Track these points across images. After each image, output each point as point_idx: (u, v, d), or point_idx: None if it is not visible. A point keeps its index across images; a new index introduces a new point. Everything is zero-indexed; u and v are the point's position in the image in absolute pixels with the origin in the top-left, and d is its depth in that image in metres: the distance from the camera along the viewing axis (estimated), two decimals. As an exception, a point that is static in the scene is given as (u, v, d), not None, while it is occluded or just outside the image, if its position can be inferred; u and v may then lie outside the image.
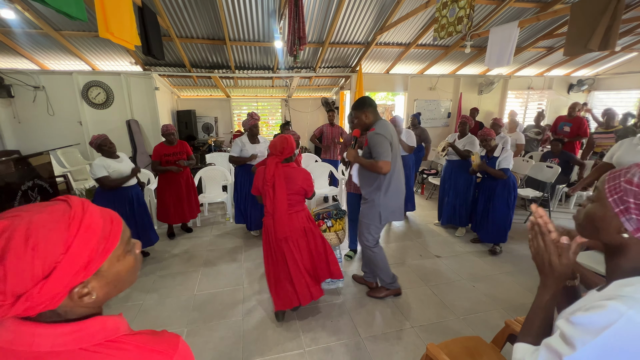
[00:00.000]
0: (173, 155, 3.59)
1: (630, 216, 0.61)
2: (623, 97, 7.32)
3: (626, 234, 0.63)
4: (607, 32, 2.77)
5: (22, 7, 3.47)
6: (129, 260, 0.58)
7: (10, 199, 2.42)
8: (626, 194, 0.62)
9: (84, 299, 0.51)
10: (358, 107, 2.37)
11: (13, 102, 4.93)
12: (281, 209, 2.12)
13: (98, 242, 0.51)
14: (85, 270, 0.49)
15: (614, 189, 0.64)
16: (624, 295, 0.58)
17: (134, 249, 0.61)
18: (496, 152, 3.26)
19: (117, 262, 0.55)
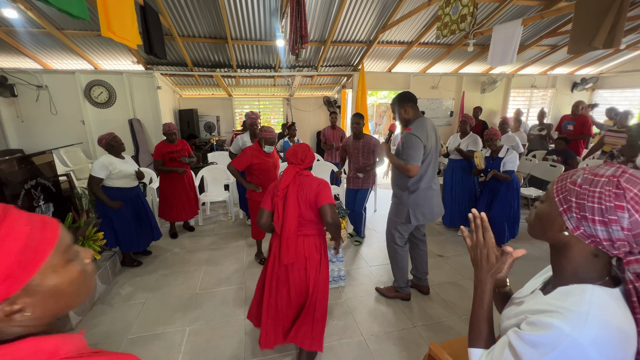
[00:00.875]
0: (176, 152, 3.61)
1: (571, 215, 0.64)
2: (628, 96, 7.25)
3: (566, 232, 0.66)
4: (612, 30, 2.74)
5: (25, 6, 3.48)
6: (72, 271, 0.51)
7: (13, 198, 2.43)
8: (570, 193, 0.65)
9: (15, 317, 0.44)
10: (398, 102, 2.30)
11: (16, 101, 4.95)
12: (289, 227, 1.77)
13: (21, 253, 0.44)
14: (5, 285, 0.43)
15: (560, 189, 0.67)
16: (567, 308, 0.61)
17: (79, 258, 0.53)
18: (501, 153, 3.23)
19: (53, 274, 0.48)
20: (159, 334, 2.29)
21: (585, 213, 0.62)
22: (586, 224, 0.62)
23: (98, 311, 2.54)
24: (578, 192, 0.63)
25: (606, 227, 0.60)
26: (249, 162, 2.88)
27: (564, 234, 0.66)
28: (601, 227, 0.60)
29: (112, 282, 2.96)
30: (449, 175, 3.91)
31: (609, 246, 0.61)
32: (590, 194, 0.61)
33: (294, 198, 1.78)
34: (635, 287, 0.60)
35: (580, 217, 0.63)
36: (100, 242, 2.75)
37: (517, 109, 5.93)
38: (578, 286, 0.65)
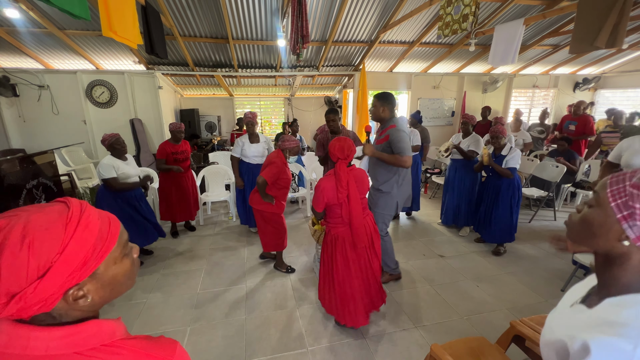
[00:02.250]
0: (181, 153, 3.61)
1: (634, 223, 0.57)
2: (630, 96, 7.22)
3: (627, 242, 0.59)
4: (615, 30, 2.72)
5: (26, 6, 3.48)
6: (126, 263, 0.57)
7: (15, 197, 2.43)
8: (632, 198, 0.58)
9: (79, 302, 0.50)
10: (382, 99, 2.48)
11: (18, 101, 4.96)
12: (358, 215, 1.97)
13: (95, 244, 0.50)
14: (80, 272, 0.48)
15: (617, 193, 0.60)
16: (623, 323, 0.55)
17: (131, 253, 0.60)
18: (504, 151, 3.22)
19: (114, 265, 0.54)
20: (160, 333, 2.28)
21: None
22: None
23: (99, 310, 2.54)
24: (631, 192, 0.57)
25: None
26: (279, 175, 2.70)
27: (624, 243, 0.59)
28: None
29: (113, 281, 2.96)
30: (450, 175, 3.89)
31: None
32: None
33: (355, 191, 1.96)
34: None
35: (633, 224, 0.57)
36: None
37: (516, 109, 5.92)
38: (630, 296, 0.59)
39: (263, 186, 2.68)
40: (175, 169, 3.52)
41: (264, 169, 2.70)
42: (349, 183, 1.94)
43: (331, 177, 1.99)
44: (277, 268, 3.12)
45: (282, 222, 2.95)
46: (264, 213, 2.84)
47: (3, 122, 4.95)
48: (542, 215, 4.46)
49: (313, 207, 2.08)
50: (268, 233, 2.94)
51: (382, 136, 2.48)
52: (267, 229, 2.91)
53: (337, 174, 1.94)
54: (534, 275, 2.96)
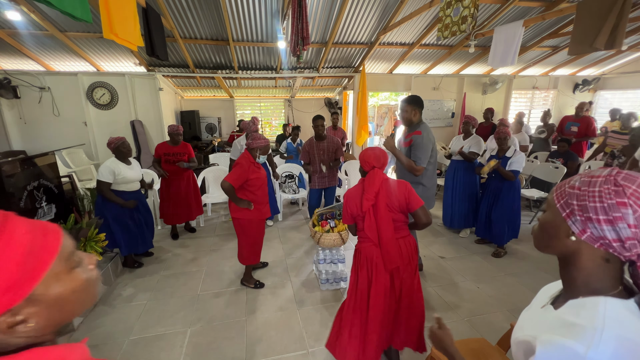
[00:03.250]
0: (174, 155, 3.60)
1: (575, 218, 0.62)
2: (629, 97, 7.24)
3: (573, 237, 0.63)
4: (614, 31, 2.73)
5: (27, 8, 3.50)
6: (75, 278, 0.49)
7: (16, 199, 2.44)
8: (570, 197, 0.63)
9: (18, 328, 0.43)
10: (413, 103, 2.53)
11: (19, 103, 4.97)
12: (387, 232, 1.70)
13: (22, 262, 0.42)
14: (7, 297, 0.41)
15: (560, 195, 0.66)
16: (579, 324, 0.58)
17: (83, 264, 0.51)
18: (508, 153, 3.21)
19: (57, 283, 0.46)
20: (161, 335, 2.29)
21: (589, 214, 0.60)
22: (592, 226, 0.60)
23: (100, 312, 2.55)
24: (578, 195, 0.62)
25: (613, 226, 0.57)
26: (246, 176, 2.50)
27: (571, 239, 0.63)
28: (608, 227, 0.58)
29: (113, 283, 2.97)
30: (450, 176, 3.89)
31: (620, 247, 0.58)
32: (590, 194, 0.60)
33: (384, 203, 1.71)
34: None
35: (584, 218, 0.60)
36: (102, 243, 2.75)
37: (518, 112, 5.93)
38: (590, 299, 0.61)
39: (230, 191, 2.46)
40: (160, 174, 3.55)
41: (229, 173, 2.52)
42: (379, 192, 1.70)
43: (359, 186, 1.81)
44: (244, 283, 2.87)
45: (261, 232, 2.75)
46: (242, 221, 2.61)
47: (4, 124, 4.95)
48: (542, 216, 4.45)
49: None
50: (244, 243, 2.71)
51: (407, 139, 2.58)
52: (243, 238, 2.69)
53: (368, 181, 1.74)
54: (534, 277, 2.96)
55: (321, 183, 3.67)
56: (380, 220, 1.71)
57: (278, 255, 3.47)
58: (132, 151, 2.99)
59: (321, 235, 2.70)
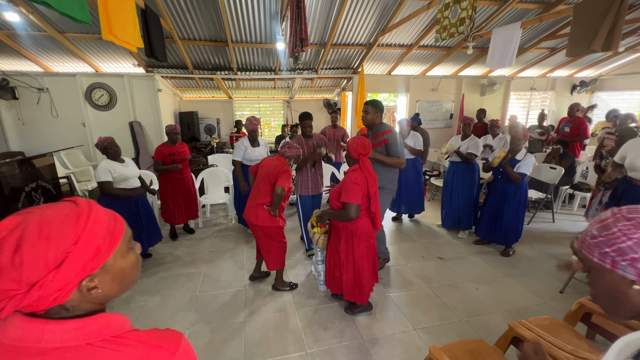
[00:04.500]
0: (178, 154, 3.63)
1: (621, 265, 0.58)
2: (626, 98, 7.28)
3: (636, 285, 0.57)
4: (611, 33, 2.75)
5: (26, 9, 3.50)
6: (132, 257, 0.61)
7: (14, 200, 2.43)
8: (599, 246, 0.61)
9: (92, 293, 0.53)
10: (375, 106, 2.73)
11: (17, 104, 4.97)
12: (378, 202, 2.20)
13: (104, 237, 0.54)
14: (93, 262, 0.52)
15: (587, 250, 0.63)
16: None
17: (135, 248, 0.63)
18: (519, 156, 3.15)
19: (121, 258, 0.58)
20: (159, 336, 2.28)
21: (629, 254, 0.56)
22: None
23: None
24: (605, 241, 0.59)
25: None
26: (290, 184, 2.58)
27: (635, 288, 0.57)
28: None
29: (112, 284, 2.96)
30: (449, 178, 3.90)
31: None
32: (614, 236, 0.58)
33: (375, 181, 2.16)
34: None
35: (630, 260, 0.57)
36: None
37: (511, 115, 5.94)
38: None
39: (281, 197, 2.45)
40: (173, 167, 3.53)
41: (278, 178, 2.47)
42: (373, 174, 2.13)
43: (359, 173, 2.12)
44: (279, 288, 2.82)
45: (284, 235, 2.76)
46: (270, 229, 2.59)
47: (2, 125, 4.94)
48: (541, 217, 4.47)
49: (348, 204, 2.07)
50: (274, 250, 2.69)
51: (377, 140, 2.72)
52: (273, 245, 2.67)
53: (367, 168, 2.12)
54: (532, 277, 2.97)
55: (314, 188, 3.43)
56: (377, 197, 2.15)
57: (277, 256, 3.47)
58: (120, 150, 2.94)
59: (320, 236, 2.70)
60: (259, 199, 2.56)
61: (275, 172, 2.51)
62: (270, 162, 2.61)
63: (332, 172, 4.96)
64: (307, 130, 3.37)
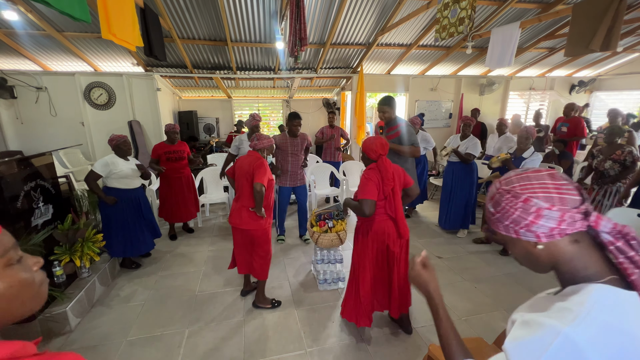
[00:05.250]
0: (174, 153, 3.63)
1: (521, 232, 0.65)
2: (624, 98, 7.30)
3: (539, 245, 0.64)
4: (609, 33, 2.76)
5: (25, 8, 3.49)
6: (12, 275, 0.47)
7: (12, 199, 2.43)
8: (500, 221, 0.68)
9: None
10: (391, 105, 2.97)
11: (16, 103, 4.95)
12: (401, 208, 2.08)
13: None
14: None
15: (494, 224, 0.70)
16: (566, 307, 0.57)
17: (24, 263, 0.50)
18: (525, 153, 3.14)
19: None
20: (158, 335, 2.29)
21: (522, 222, 0.64)
22: (535, 227, 0.63)
23: (97, 313, 2.54)
24: (501, 216, 0.67)
25: (544, 217, 0.61)
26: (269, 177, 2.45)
27: (539, 247, 0.64)
28: (542, 220, 0.61)
29: (111, 283, 2.96)
30: (448, 177, 3.90)
31: (569, 225, 0.61)
32: (506, 210, 0.66)
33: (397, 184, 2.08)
34: (617, 247, 0.59)
35: (525, 227, 0.64)
36: (100, 243, 2.75)
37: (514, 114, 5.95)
38: (586, 285, 0.59)
39: (262, 194, 2.30)
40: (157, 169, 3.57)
41: (254, 174, 2.30)
42: (394, 176, 2.03)
43: (375, 171, 2.03)
44: (259, 305, 2.56)
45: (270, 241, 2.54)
46: (257, 232, 2.41)
47: (1, 124, 4.92)
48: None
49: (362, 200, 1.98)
50: (263, 256, 2.49)
51: (392, 132, 2.98)
52: (260, 250, 2.47)
53: (384, 168, 2.02)
54: (531, 276, 2.98)
55: (293, 181, 3.59)
56: (397, 198, 2.05)
57: (276, 255, 3.47)
58: (132, 150, 3.04)
59: (319, 235, 2.70)
60: (242, 201, 2.40)
61: (250, 169, 2.34)
62: (244, 160, 2.43)
63: (331, 172, 4.97)
64: (295, 130, 3.47)
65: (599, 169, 3.27)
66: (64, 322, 2.30)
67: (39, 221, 2.66)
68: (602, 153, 3.29)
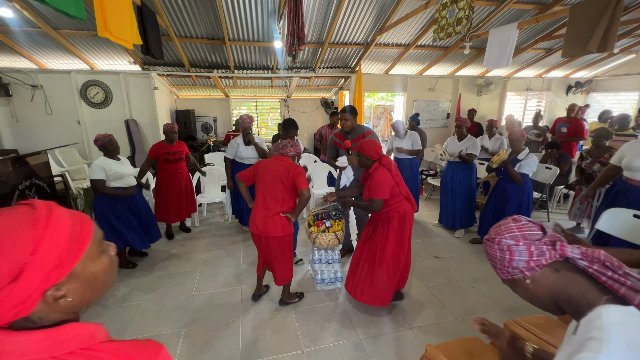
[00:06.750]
0: (173, 154, 3.59)
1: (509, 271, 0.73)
2: (621, 99, 7.35)
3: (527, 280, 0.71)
4: (606, 34, 2.77)
5: (20, 5, 3.45)
6: (104, 261, 0.56)
7: (7, 198, 2.40)
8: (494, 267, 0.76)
9: (60, 302, 0.49)
10: (354, 112, 2.91)
11: (11, 101, 4.90)
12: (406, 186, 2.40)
13: (68, 242, 0.49)
14: (57, 271, 0.48)
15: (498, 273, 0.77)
16: (590, 337, 0.58)
17: (108, 250, 0.59)
18: (520, 155, 3.15)
19: (92, 263, 0.53)
20: (155, 336, 2.27)
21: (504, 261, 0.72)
22: (515, 263, 0.70)
23: (92, 313, 2.52)
24: (494, 265, 0.76)
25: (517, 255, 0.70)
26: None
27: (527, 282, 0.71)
28: (517, 257, 0.70)
29: (107, 283, 2.93)
30: (448, 178, 3.89)
31: (539, 255, 0.68)
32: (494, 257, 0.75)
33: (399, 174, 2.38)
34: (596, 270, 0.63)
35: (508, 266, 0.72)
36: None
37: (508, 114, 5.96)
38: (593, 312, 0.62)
39: (309, 199, 2.30)
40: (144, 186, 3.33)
41: (296, 180, 2.26)
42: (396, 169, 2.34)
43: (384, 169, 2.27)
44: (288, 302, 2.60)
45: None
46: (287, 238, 2.36)
47: (-5, 122, 4.88)
48: (536, 216, 4.51)
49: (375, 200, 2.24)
50: (288, 260, 2.45)
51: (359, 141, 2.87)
52: (287, 256, 2.43)
53: (388, 162, 2.29)
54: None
55: None
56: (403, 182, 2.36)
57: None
58: (119, 148, 2.94)
59: (317, 235, 2.70)
60: (277, 208, 2.28)
61: (289, 174, 2.26)
62: (277, 165, 2.32)
63: (329, 171, 4.96)
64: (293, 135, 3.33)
65: (587, 171, 3.29)
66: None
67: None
68: (590, 155, 3.32)
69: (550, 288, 0.70)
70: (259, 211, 2.31)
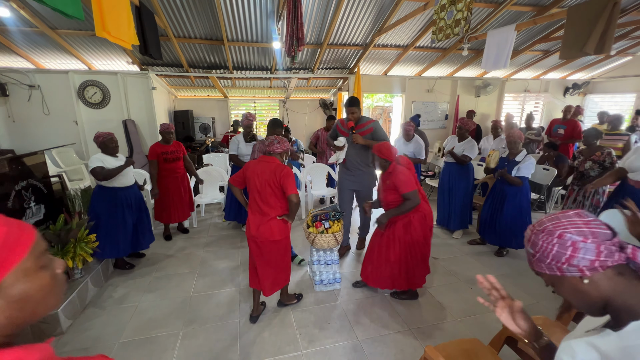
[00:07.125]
0: (172, 153, 3.59)
1: (564, 268, 0.66)
2: (618, 101, 7.39)
3: (585, 280, 0.65)
4: (603, 36, 2.79)
5: (17, 5, 3.43)
6: (43, 278, 0.49)
7: (3, 198, 2.38)
8: (542, 261, 0.69)
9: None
10: (357, 104, 3.09)
11: (7, 101, 4.87)
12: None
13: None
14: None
15: (539, 267, 0.72)
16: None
17: (52, 266, 0.51)
18: (518, 157, 3.15)
19: (25, 278, 0.46)
20: (152, 337, 2.26)
21: (562, 258, 0.66)
22: (576, 261, 0.64)
23: (90, 314, 2.50)
24: (540, 256, 0.70)
25: (581, 251, 0.63)
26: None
27: (585, 282, 0.65)
28: (581, 254, 0.64)
29: (104, 284, 2.92)
30: (445, 179, 3.90)
31: (607, 256, 0.62)
32: (544, 250, 0.68)
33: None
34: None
35: (567, 263, 0.65)
36: (93, 244, 2.71)
37: (507, 113, 5.97)
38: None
39: (298, 205, 2.22)
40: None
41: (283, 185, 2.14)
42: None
43: (403, 167, 2.39)
44: (286, 303, 2.57)
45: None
46: (282, 242, 2.29)
47: (-8, 122, 4.85)
48: (534, 217, 4.51)
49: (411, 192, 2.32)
50: (285, 264, 2.39)
51: (363, 129, 3.13)
52: (284, 259, 2.37)
53: (405, 161, 2.44)
54: (525, 277, 3.00)
55: None
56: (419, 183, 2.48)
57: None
58: (118, 147, 2.96)
59: (315, 236, 2.69)
60: (271, 213, 2.20)
61: (276, 178, 2.14)
62: (264, 167, 2.18)
63: (327, 172, 4.96)
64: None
65: (580, 169, 3.32)
66: (55, 324, 2.26)
67: (30, 222, 2.61)
68: (582, 154, 3.36)
69: (608, 291, 0.65)
70: (254, 216, 2.25)
